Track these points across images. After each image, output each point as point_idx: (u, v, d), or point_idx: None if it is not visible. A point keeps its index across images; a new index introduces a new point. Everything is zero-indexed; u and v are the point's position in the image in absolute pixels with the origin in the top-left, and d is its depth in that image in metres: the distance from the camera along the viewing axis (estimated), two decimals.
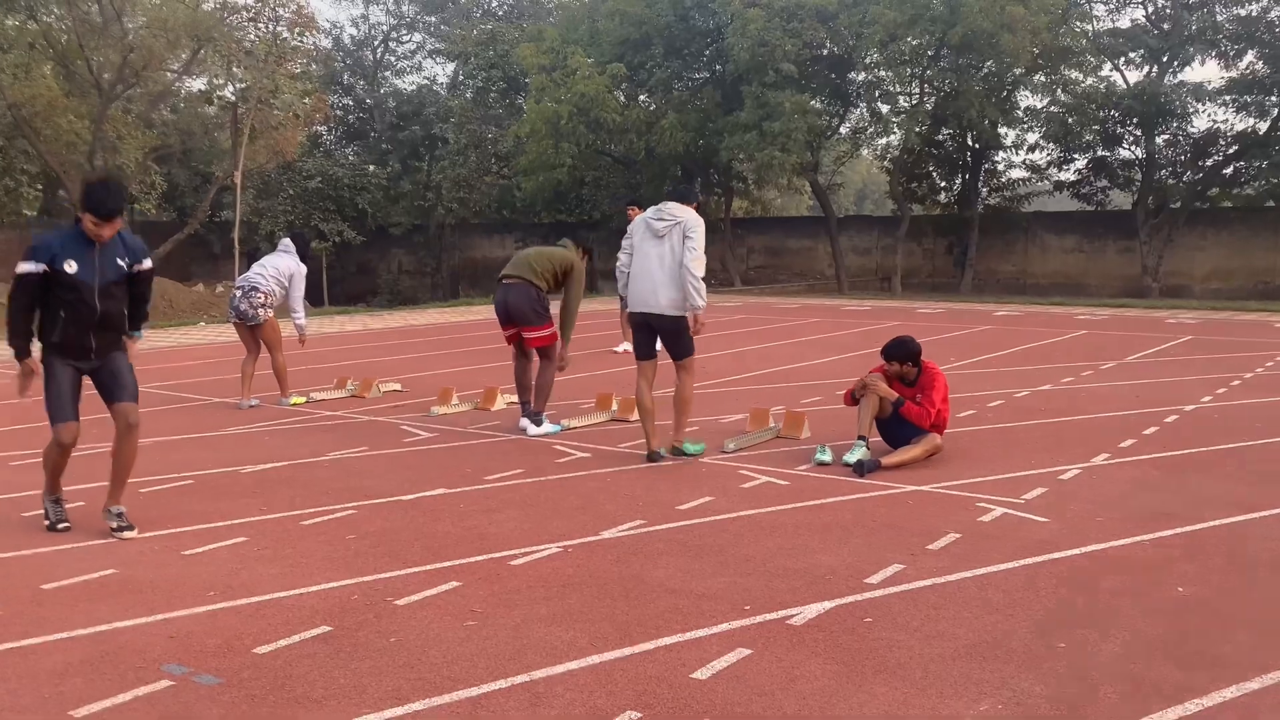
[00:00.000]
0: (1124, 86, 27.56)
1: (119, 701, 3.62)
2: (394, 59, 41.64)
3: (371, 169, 36.14)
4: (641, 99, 29.62)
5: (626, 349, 7.67)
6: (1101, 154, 28.59)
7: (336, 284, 34.78)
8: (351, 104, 39.52)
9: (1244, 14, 26.56)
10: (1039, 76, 27.26)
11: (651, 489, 6.55)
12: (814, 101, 26.90)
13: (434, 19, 40.19)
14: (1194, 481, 6.64)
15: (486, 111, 33.25)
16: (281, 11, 25.73)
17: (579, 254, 8.61)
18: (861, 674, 3.83)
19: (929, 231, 31.04)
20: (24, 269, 5.27)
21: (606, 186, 30.50)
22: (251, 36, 25.60)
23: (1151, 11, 27.77)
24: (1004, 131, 28.37)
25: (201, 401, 10.14)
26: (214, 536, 5.55)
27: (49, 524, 5.65)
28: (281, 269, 9.78)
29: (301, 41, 27.08)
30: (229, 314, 10.02)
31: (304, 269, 9.92)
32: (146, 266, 5.62)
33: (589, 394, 9.93)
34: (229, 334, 14.22)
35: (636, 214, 8.50)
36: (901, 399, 7.26)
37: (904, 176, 29.45)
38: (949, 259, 30.64)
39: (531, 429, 8.26)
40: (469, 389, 10.22)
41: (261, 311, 9.63)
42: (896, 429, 7.31)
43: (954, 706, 3.58)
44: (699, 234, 7.22)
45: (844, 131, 29.90)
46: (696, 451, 7.45)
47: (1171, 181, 27.64)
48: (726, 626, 4.27)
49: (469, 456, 7.54)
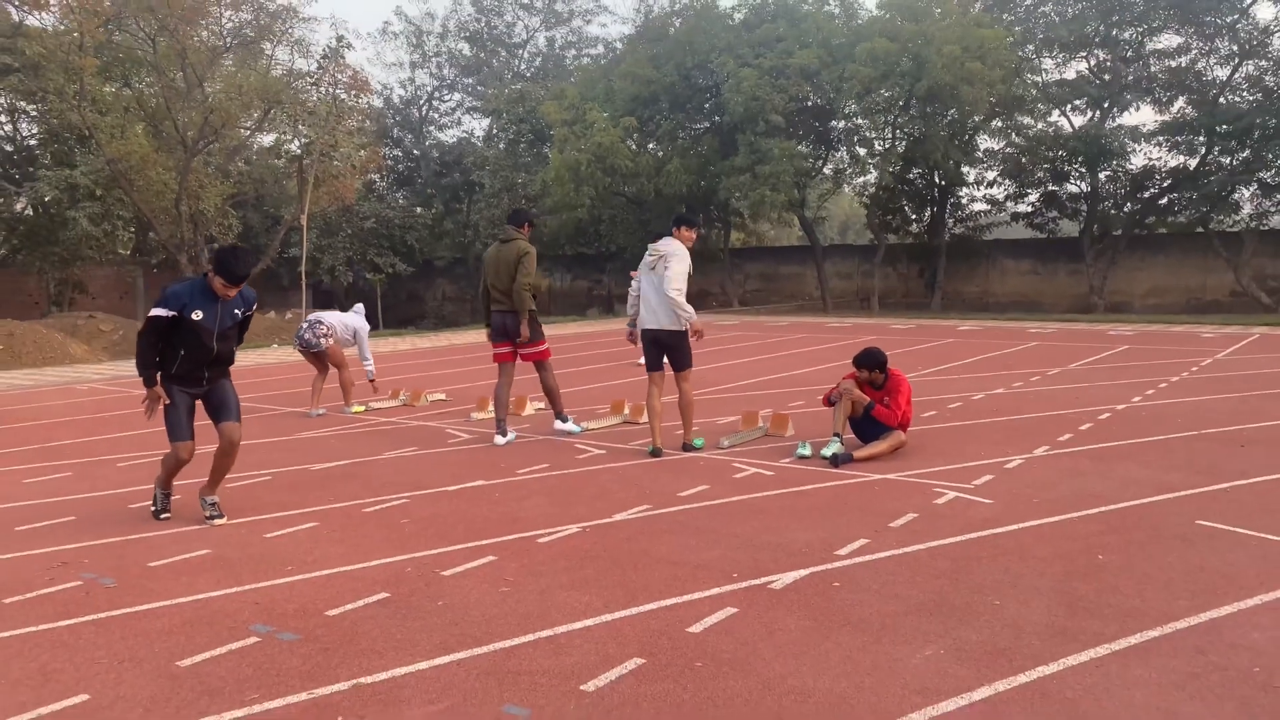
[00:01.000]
0: (1070, 130, 27.60)
1: (216, 654, 3.85)
2: (437, 115, 41.97)
3: (419, 210, 36.46)
4: (650, 147, 29.83)
5: (643, 363, 7.93)
6: (1052, 189, 28.59)
7: (389, 310, 35.15)
8: (400, 155, 39.85)
9: (1174, 65, 26.64)
10: (996, 122, 27.41)
11: (657, 479, 6.74)
12: (800, 146, 27.03)
13: (471, 80, 40.52)
14: (1120, 468, 6.78)
15: (517, 160, 33.52)
16: (340, 76, 26.06)
17: (525, 230, 8.36)
18: (829, 627, 4.02)
19: (903, 258, 31.10)
20: (158, 313, 5.39)
21: (621, 223, 30.71)
22: (314, 98, 25.91)
23: (1093, 64, 27.83)
24: (966, 170, 28.42)
25: (276, 411, 10.38)
26: (290, 522, 5.77)
27: (155, 510, 5.88)
28: (349, 321, 10.39)
29: (357, 102, 27.38)
30: (295, 344, 10.20)
31: (368, 327, 10.62)
32: (253, 310, 5.85)
33: (605, 401, 10.13)
34: (298, 355, 14.48)
35: None
36: (873, 403, 7.44)
37: (880, 210, 29.53)
38: (920, 281, 30.70)
39: (558, 424, 8.55)
40: None
41: (324, 340, 9.87)
42: (867, 427, 7.49)
43: (904, 652, 3.77)
44: (675, 261, 7.49)
45: (827, 172, 30.01)
46: (700, 446, 7.68)
47: (1113, 212, 27.64)
48: (717, 590, 4.47)
49: (503, 454, 7.74)
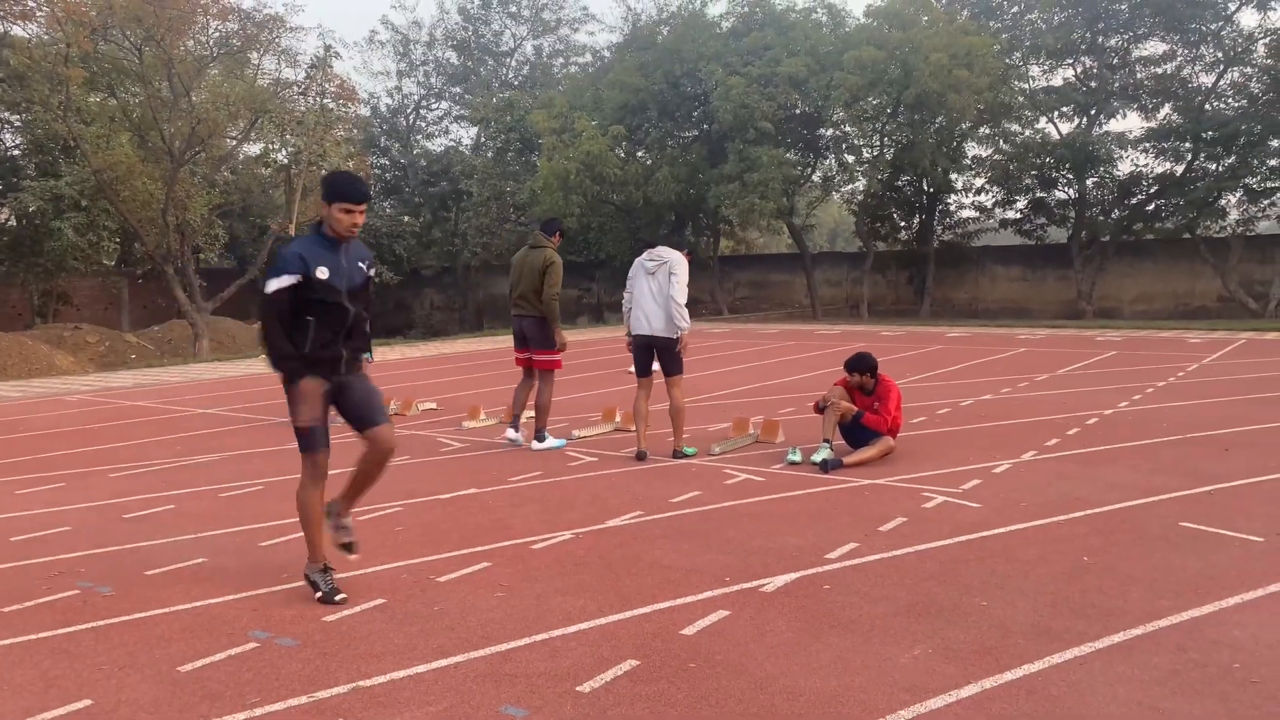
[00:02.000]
0: (1057, 137, 27.90)
1: (216, 659, 3.92)
2: (424, 124, 42.08)
3: (406, 219, 36.56)
4: (639, 155, 29.99)
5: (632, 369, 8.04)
6: (1040, 195, 28.86)
7: (377, 319, 34.87)
8: (388, 164, 39.92)
9: (1160, 72, 26.95)
10: (983, 129, 27.67)
11: (649, 486, 6.83)
12: (789, 154, 27.24)
13: (458, 89, 40.64)
14: (1105, 472, 6.91)
15: (505, 168, 33.64)
16: (327, 86, 26.14)
17: (556, 239, 8.47)
18: (819, 629, 4.12)
19: (892, 265, 31.31)
20: (279, 284, 4.40)
21: (610, 231, 30.85)
22: (301, 107, 25.97)
23: (1080, 71, 28.13)
24: (954, 177, 28.70)
25: (266, 421, 10.44)
26: (285, 530, 5.83)
27: (322, 595, 4.53)
28: None
29: (344, 111, 27.48)
30: None
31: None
32: (373, 272, 4.85)
33: (596, 409, 10.23)
34: None
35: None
36: (862, 411, 7.56)
37: (869, 217, 29.76)
38: (910, 288, 30.91)
39: (536, 445, 8.30)
40: (495, 406, 10.52)
41: None
42: (857, 434, 7.60)
43: (893, 652, 3.87)
44: (682, 270, 7.65)
45: (815, 179, 30.22)
46: (691, 454, 7.79)
47: (1101, 218, 27.90)
48: (710, 594, 4.56)
49: (495, 462, 7.82)
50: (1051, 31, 26.88)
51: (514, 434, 8.53)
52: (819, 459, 7.22)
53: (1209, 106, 26.07)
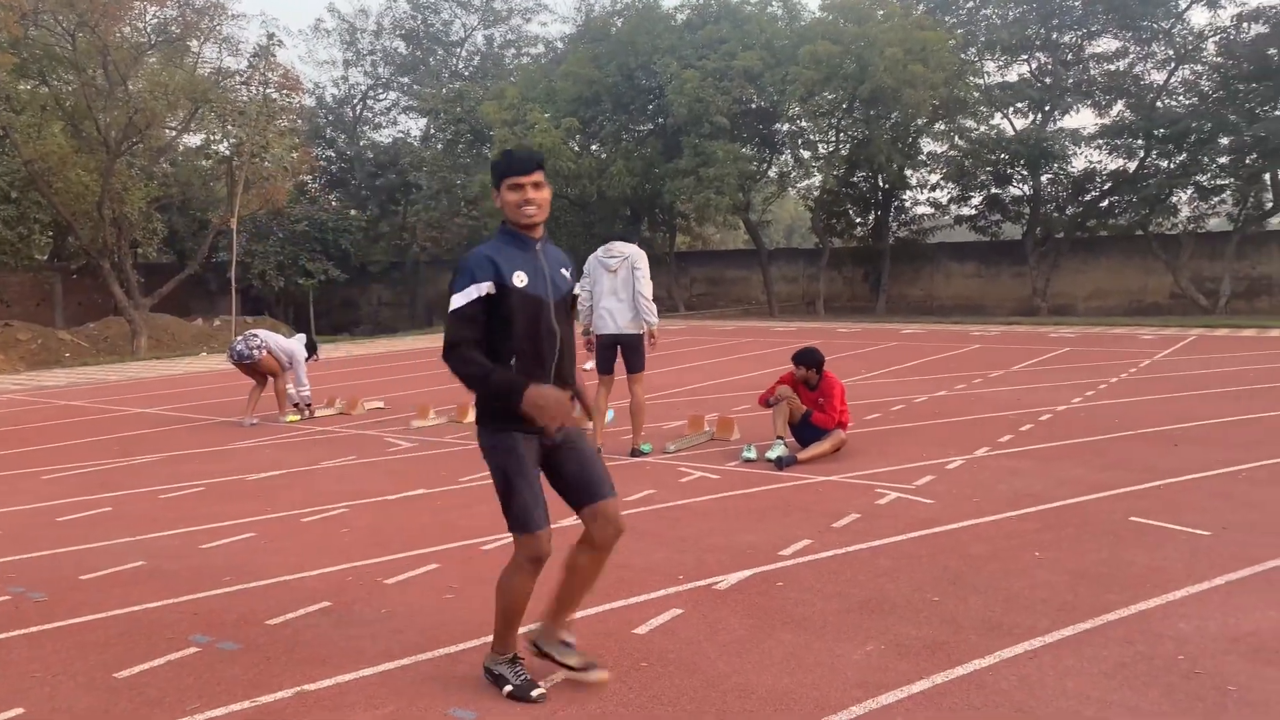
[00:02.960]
0: (1012, 133, 28.30)
1: (155, 665, 3.88)
2: (371, 115, 41.65)
3: (353, 213, 36.14)
4: (593, 148, 29.96)
5: (591, 366, 8.07)
6: (994, 192, 29.24)
7: (322, 316, 34.79)
8: (334, 155, 39.45)
9: (1113, 69, 27.47)
10: (939, 125, 27.98)
11: None
12: (744, 149, 27.35)
13: (407, 79, 40.28)
14: (1056, 468, 7.06)
15: (455, 160, 33.42)
16: (270, 75, 25.77)
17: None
18: (772, 626, 4.16)
19: (848, 261, 31.57)
20: (468, 297, 3.39)
21: (564, 225, 30.76)
22: (244, 97, 25.60)
23: (1035, 67, 28.57)
24: (910, 173, 28.97)
25: (208, 420, 10.30)
26: (226, 533, 5.77)
27: (513, 690, 3.55)
28: (286, 345, 10.13)
29: (289, 101, 27.07)
30: (229, 356, 10.13)
31: (304, 356, 10.28)
32: (578, 286, 3.83)
33: None
34: (229, 364, 14.34)
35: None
36: (810, 410, 7.65)
37: (825, 214, 29.98)
38: (865, 285, 31.20)
39: None
40: (445, 405, 10.47)
41: (257, 352, 9.84)
42: (806, 432, 7.68)
43: (845, 648, 3.93)
44: (645, 264, 7.70)
45: (772, 175, 30.38)
46: (647, 451, 7.83)
47: (1055, 215, 28.34)
48: (663, 592, 4.60)
49: (445, 463, 7.80)
50: (1006, 27, 27.28)
51: None
52: (773, 456, 7.29)
53: (1160, 104, 26.63)
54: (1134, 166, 27.06)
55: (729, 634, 4.08)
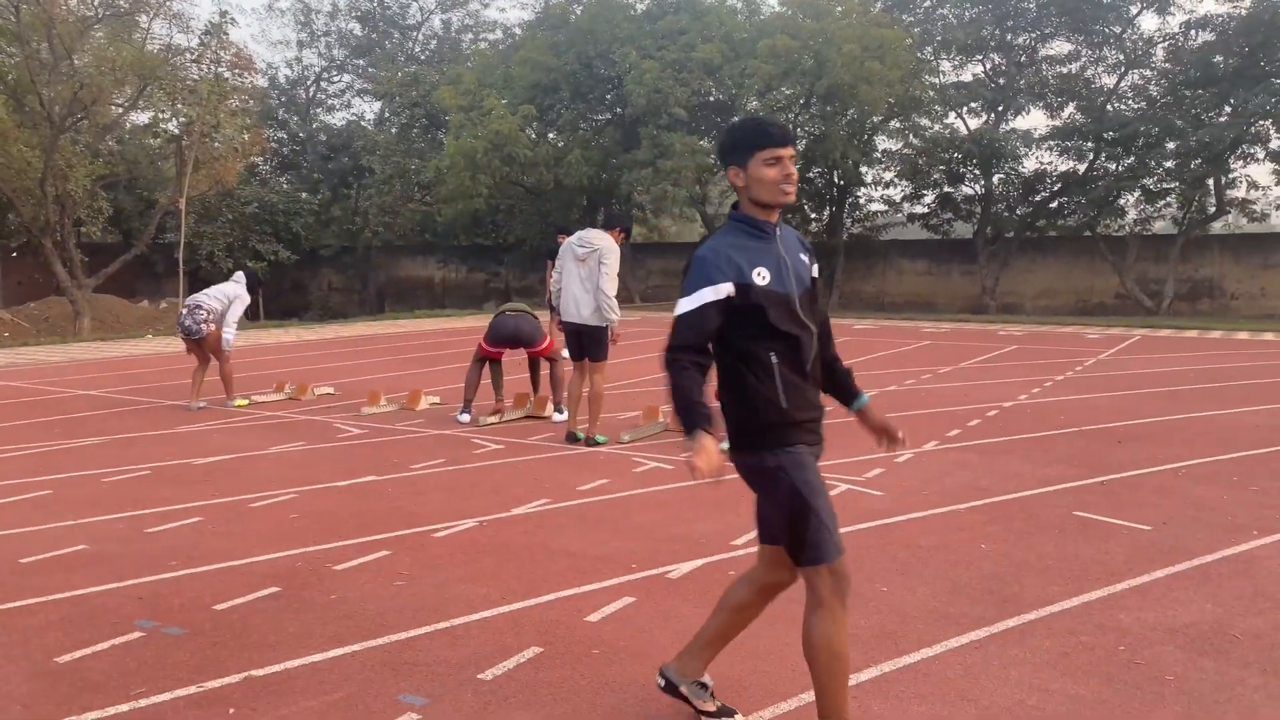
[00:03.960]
0: (965, 132, 28.64)
1: (97, 649, 3.81)
2: (325, 97, 41.10)
3: (304, 196, 35.63)
4: (550, 137, 29.83)
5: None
6: (947, 190, 29.56)
7: (272, 300, 34.19)
8: (286, 137, 38.86)
9: (1065, 71, 27.91)
10: (894, 123, 28.26)
11: (556, 474, 6.85)
12: (702, 142, 27.42)
13: (361, 62, 39.81)
14: (1003, 462, 7.19)
15: (410, 145, 33.09)
16: (222, 54, 25.31)
17: (560, 240, 9.12)
18: None
19: None
20: (700, 300, 2.97)
21: (519, 214, 30.66)
22: (194, 76, 25.10)
23: (989, 68, 28.93)
24: (865, 170, 29.19)
25: (155, 404, 10.12)
26: (172, 517, 5.69)
27: (710, 714, 3.30)
28: (227, 292, 9.90)
29: (241, 81, 26.64)
30: (178, 330, 10.02)
31: (246, 298, 10.01)
32: (816, 268, 3.32)
33: (509, 394, 10.17)
34: (175, 345, 14.10)
35: (565, 240, 8.62)
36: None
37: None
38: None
39: (556, 416, 8.97)
40: (396, 391, 10.39)
41: (205, 326, 9.70)
42: None
43: (795, 637, 3.92)
44: (612, 260, 7.72)
45: None
46: (602, 442, 7.85)
47: (1006, 214, 28.73)
48: (616, 581, 4.61)
49: (396, 449, 7.74)
50: (962, 27, 27.60)
51: (464, 419, 8.84)
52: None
53: (1110, 107, 27.12)
54: (1083, 168, 27.51)
55: (681, 622, 4.10)
